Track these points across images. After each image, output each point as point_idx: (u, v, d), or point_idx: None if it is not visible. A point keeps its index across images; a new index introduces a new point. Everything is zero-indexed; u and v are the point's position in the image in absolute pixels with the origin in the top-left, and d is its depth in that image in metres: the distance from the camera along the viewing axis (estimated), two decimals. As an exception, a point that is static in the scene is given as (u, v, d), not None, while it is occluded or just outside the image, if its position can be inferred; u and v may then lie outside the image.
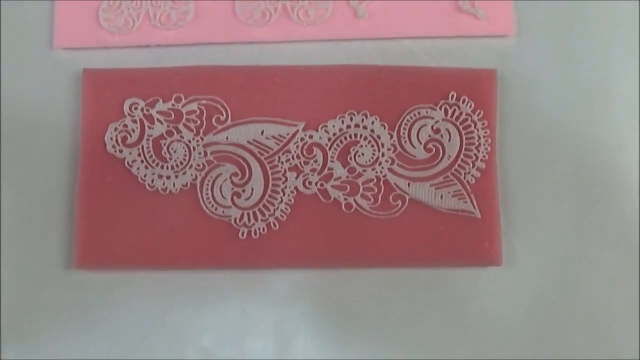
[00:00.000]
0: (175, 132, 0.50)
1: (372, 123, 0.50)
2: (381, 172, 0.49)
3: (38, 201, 0.50)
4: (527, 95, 0.51)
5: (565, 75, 0.51)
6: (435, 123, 0.50)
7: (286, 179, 0.49)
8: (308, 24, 0.51)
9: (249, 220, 0.49)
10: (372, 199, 0.49)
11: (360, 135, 0.50)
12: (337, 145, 0.50)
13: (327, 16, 0.51)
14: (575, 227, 0.50)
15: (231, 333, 0.49)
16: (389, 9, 0.51)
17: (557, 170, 0.50)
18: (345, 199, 0.49)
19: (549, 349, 0.49)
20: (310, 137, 0.50)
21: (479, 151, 0.50)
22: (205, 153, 0.50)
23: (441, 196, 0.49)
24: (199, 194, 0.49)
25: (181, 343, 0.49)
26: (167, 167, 0.49)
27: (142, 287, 0.50)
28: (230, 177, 0.49)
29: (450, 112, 0.50)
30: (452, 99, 0.50)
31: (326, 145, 0.50)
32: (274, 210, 0.49)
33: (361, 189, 0.49)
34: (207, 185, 0.49)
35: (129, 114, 0.50)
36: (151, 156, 0.50)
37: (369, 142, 0.50)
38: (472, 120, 0.50)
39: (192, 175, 0.49)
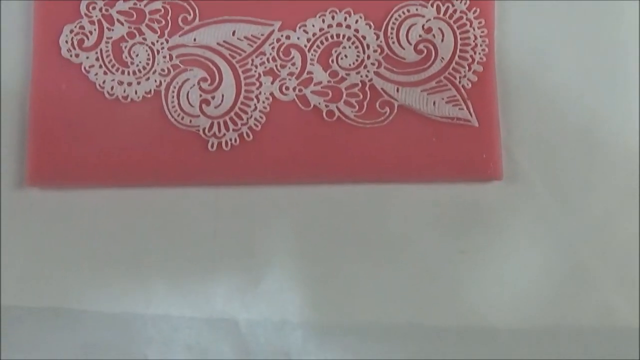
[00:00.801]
0: (137, 33, 0.45)
1: (356, 22, 0.45)
2: (367, 76, 0.44)
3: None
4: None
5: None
6: (427, 22, 0.45)
7: (260, 84, 0.44)
8: None
9: (219, 130, 0.44)
10: (357, 106, 0.44)
11: (343, 36, 0.45)
12: (318, 46, 0.44)
13: None
14: (583, 138, 0.45)
15: (201, 258, 0.45)
16: None
17: (563, 73, 0.45)
18: (326, 106, 0.44)
19: (555, 273, 0.45)
20: (287, 37, 0.45)
21: (475, 53, 0.44)
22: (171, 56, 0.45)
23: (434, 102, 0.44)
24: (164, 101, 0.44)
25: (143, 270, 0.45)
26: (129, 73, 0.44)
27: (102, 206, 0.44)
28: (199, 83, 0.44)
29: (443, 9, 0.45)
30: (445, -5, 0.46)
31: (305, 46, 0.45)
32: (247, 119, 0.44)
33: (344, 95, 0.44)
34: (173, 92, 0.44)
35: (85, 14, 0.45)
36: (111, 60, 0.45)
37: (353, 43, 0.45)
38: (467, 19, 0.45)
39: (156, 81, 0.44)
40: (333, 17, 0.45)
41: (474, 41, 0.45)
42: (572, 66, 0.46)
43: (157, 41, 0.45)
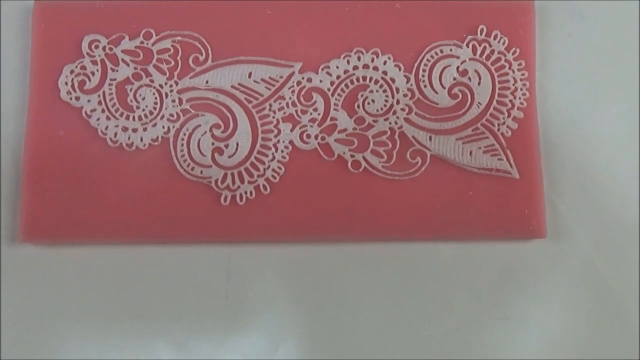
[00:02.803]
0: (144, 75, 0.41)
1: (385, 63, 0.41)
2: (396, 122, 0.40)
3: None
4: (572, 29, 0.42)
5: (615, 4, 0.43)
6: (462, 63, 0.41)
7: (279, 132, 0.40)
8: (306, -56, 0.43)
9: (233, 182, 0.40)
10: (386, 156, 0.40)
11: (370, 78, 0.41)
12: (342, 90, 0.41)
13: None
14: (631, 189, 0.42)
15: (211, 322, 0.41)
16: None
17: (610, 118, 0.42)
18: (352, 156, 0.40)
19: (603, 335, 0.41)
20: (309, 80, 0.41)
21: (515, 97, 0.41)
22: (181, 100, 0.41)
23: (470, 152, 0.40)
24: (172, 150, 0.40)
25: (146, 334, 0.41)
26: (134, 118, 0.40)
27: (103, 263, 0.40)
28: (211, 130, 0.40)
29: (479, 50, 0.41)
30: (481, 34, 0.41)
31: (328, 90, 0.41)
32: (264, 170, 0.40)
33: (372, 144, 0.40)
34: (183, 139, 0.40)
35: (88, 54, 0.41)
36: (114, 104, 0.41)
37: (381, 86, 0.41)
38: (506, 60, 0.41)
39: (164, 127, 0.40)
40: (359, 58, 0.41)
41: (513, 85, 0.41)
42: (618, 110, 0.42)
43: (166, 83, 0.41)
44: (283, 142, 0.40)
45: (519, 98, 0.41)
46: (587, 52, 0.42)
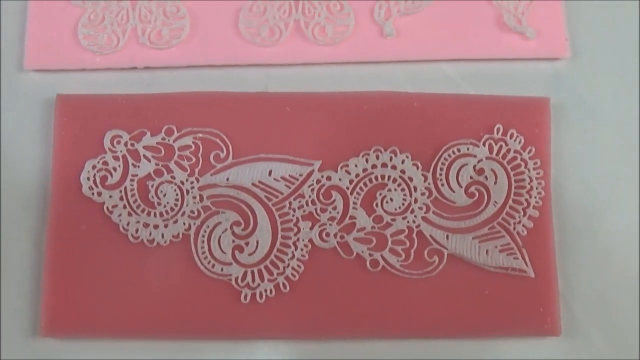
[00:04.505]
0: (165, 171, 0.41)
1: (403, 162, 0.41)
2: (414, 221, 0.41)
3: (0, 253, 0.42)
4: (586, 128, 0.43)
5: (629, 103, 0.43)
6: (478, 162, 0.41)
7: (299, 230, 0.41)
8: (325, 43, 0.43)
9: (253, 280, 0.40)
10: (403, 255, 0.40)
11: (388, 177, 0.41)
12: (361, 188, 0.41)
13: (347, 34, 0.43)
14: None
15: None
16: (421, 27, 0.43)
17: (626, 216, 0.42)
18: (370, 255, 0.40)
19: None
20: (328, 178, 0.41)
21: (530, 196, 0.41)
22: (201, 197, 0.41)
23: (486, 251, 0.41)
24: (193, 247, 0.41)
25: None
26: (155, 214, 0.41)
27: (122, 358, 0.41)
28: (231, 227, 0.41)
29: (495, 149, 0.42)
30: (497, 133, 0.41)
31: (347, 188, 0.41)
32: (284, 268, 0.40)
33: (390, 243, 0.41)
34: (203, 236, 0.41)
35: (110, 149, 0.41)
36: (136, 201, 0.41)
37: (399, 185, 0.41)
38: (522, 159, 0.42)
39: (184, 224, 0.41)
40: (377, 157, 0.42)
41: (529, 183, 0.42)
42: (633, 209, 0.42)
43: (187, 180, 0.41)
44: (302, 240, 0.41)
45: (535, 197, 0.41)
46: (601, 149, 0.43)
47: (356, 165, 0.42)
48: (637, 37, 0.44)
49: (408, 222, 0.41)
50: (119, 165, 0.42)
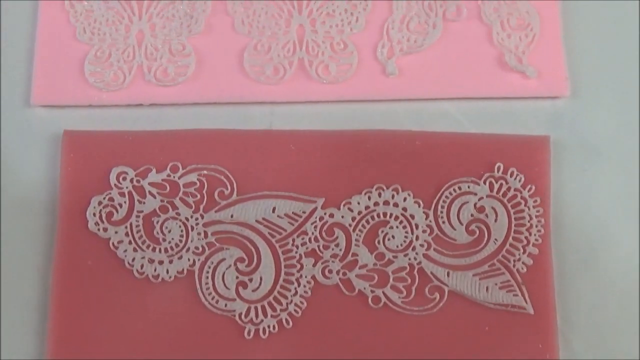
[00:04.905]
0: (170, 208, 0.42)
1: (404, 200, 0.42)
2: (415, 258, 0.41)
3: (6, 287, 0.42)
4: (586, 166, 0.43)
5: (629, 141, 0.44)
6: (479, 200, 0.42)
7: (302, 267, 0.41)
8: (329, 81, 0.44)
9: (256, 315, 0.41)
10: (405, 292, 0.41)
11: (390, 215, 0.42)
12: (363, 226, 0.42)
13: (350, 73, 0.44)
14: (644, 326, 0.43)
15: None
16: (423, 65, 0.44)
17: (625, 254, 0.43)
18: (372, 291, 0.41)
19: None
20: (331, 216, 0.42)
21: (530, 234, 0.42)
22: (206, 234, 0.42)
23: (486, 288, 0.41)
24: (197, 282, 0.41)
25: None
26: (160, 250, 0.41)
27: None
28: (235, 263, 0.41)
29: (496, 187, 0.42)
30: (498, 171, 0.42)
31: (350, 226, 0.42)
32: (287, 305, 0.41)
33: (391, 279, 0.41)
34: (207, 272, 0.41)
35: (116, 186, 0.42)
36: (141, 237, 0.42)
37: (401, 222, 0.42)
38: (522, 197, 0.42)
39: (189, 260, 0.41)
40: (380, 195, 0.42)
41: (529, 221, 0.42)
42: (632, 246, 0.43)
43: (192, 216, 0.42)
44: (305, 277, 0.41)
45: (534, 235, 0.42)
46: (601, 187, 0.43)
47: (359, 203, 0.42)
48: (636, 76, 0.45)
49: (409, 259, 0.42)
50: (125, 202, 0.42)
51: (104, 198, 0.42)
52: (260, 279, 0.42)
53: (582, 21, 0.45)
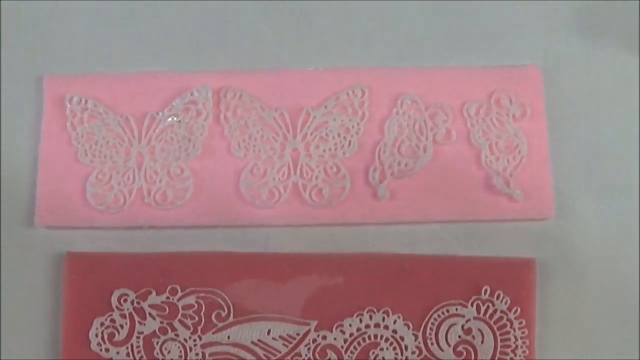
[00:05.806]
0: (169, 329, 0.43)
1: (394, 322, 0.44)
2: (404, 380, 0.44)
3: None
4: (572, 288, 0.45)
5: (617, 262, 0.45)
6: (466, 322, 0.44)
7: (296, 384, 0.44)
8: (322, 205, 0.45)
9: None
10: (395, 417, 0.43)
11: (381, 337, 0.43)
12: (355, 347, 0.43)
13: (343, 196, 0.45)
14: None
15: None
16: (414, 189, 0.45)
17: (601, 318, 0.44)
18: (363, 414, 0.44)
19: None
20: (324, 338, 0.43)
21: (515, 355, 0.43)
22: (204, 355, 0.43)
23: (472, 409, 0.44)
24: (195, 403, 0.44)
25: None
26: (160, 371, 0.44)
27: None
28: (231, 384, 0.44)
29: (483, 309, 0.44)
30: (485, 294, 0.44)
31: (342, 347, 0.43)
32: None
33: (381, 400, 0.44)
34: (205, 393, 0.44)
35: (117, 307, 0.44)
36: (142, 357, 0.43)
37: (391, 344, 0.43)
38: (507, 319, 0.44)
39: (188, 380, 0.44)
40: (371, 317, 0.44)
41: (514, 343, 0.43)
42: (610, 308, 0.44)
43: (190, 338, 0.43)
44: (299, 398, 0.44)
45: (519, 355, 0.43)
46: (586, 308, 0.45)
47: (350, 325, 0.44)
48: (622, 197, 0.46)
49: (398, 380, 0.44)
50: (126, 323, 0.44)
51: (106, 319, 0.44)
52: (256, 400, 0.44)
53: (567, 141, 0.47)
